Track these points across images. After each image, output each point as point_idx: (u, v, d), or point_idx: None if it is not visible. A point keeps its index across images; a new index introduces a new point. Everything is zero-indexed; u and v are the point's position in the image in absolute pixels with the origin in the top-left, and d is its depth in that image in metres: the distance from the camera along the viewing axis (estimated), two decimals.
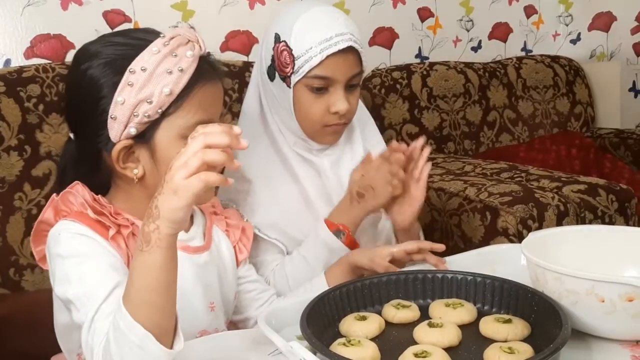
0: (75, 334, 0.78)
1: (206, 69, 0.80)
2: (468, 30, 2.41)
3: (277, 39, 1.03)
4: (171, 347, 0.66)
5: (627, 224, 1.39)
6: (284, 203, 1.09)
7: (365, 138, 1.16)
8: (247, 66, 1.70)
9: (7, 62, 1.59)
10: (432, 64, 2.16)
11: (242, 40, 1.91)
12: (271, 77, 1.06)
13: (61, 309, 0.81)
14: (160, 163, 0.79)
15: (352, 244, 1.06)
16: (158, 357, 0.64)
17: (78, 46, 1.71)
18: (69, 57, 1.64)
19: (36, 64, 1.45)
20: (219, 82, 0.83)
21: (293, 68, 1.01)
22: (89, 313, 0.70)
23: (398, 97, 2.03)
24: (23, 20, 1.60)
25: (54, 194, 0.81)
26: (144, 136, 0.78)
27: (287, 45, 1.01)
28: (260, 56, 1.10)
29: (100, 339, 0.67)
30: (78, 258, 0.75)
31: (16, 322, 1.11)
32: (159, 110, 0.77)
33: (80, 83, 0.79)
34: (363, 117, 1.17)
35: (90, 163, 0.82)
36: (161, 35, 0.78)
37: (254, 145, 1.11)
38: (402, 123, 2.01)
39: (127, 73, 0.76)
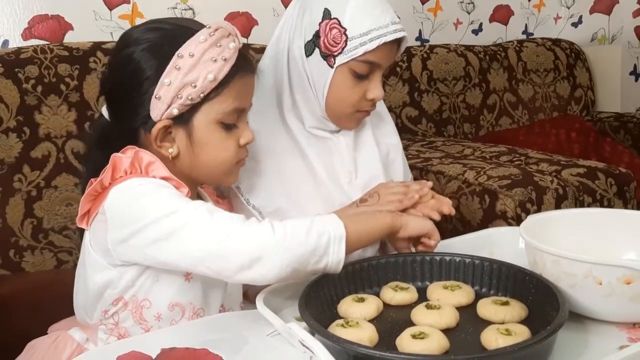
0: (108, 291, 0.82)
1: (243, 61, 0.86)
2: (469, 13, 2.39)
3: (327, 14, 1.00)
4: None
5: (626, 208, 1.39)
6: (289, 181, 1.08)
7: (377, 127, 1.15)
8: (246, 48, 1.69)
9: (5, 43, 1.58)
10: (432, 47, 2.14)
11: (241, 22, 1.89)
12: (308, 53, 1.03)
13: (100, 268, 0.82)
14: (196, 144, 0.85)
15: None
16: (335, 255, 0.76)
17: (76, 27, 1.71)
18: (67, 38, 1.62)
19: (34, 44, 1.44)
20: (253, 75, 0.90)
21: (342, 49, 1.00)
22: (207, 206, 0.77)
23: (398, 80, 2.02)
24: (21, 1, 1.58)
25: (115, 154, 0.83)
26: (183, 118, 0.84)
27: (339, 24, 0.99)
28: (294, 28, 1.06)
29: (255, 222, 0.75)
30: (167, 188, 0.80)
31: (17, 303, 1.12)
32: (201, 95, 0.82)
33: (125, 64, 0.84)
34: (378, 106, 1.16)
35: (126, 141, 0.85)
36: (207, 26, 0.83)
37: (263, 119, 1.10)
38: (402, 106, 2.01)
39: (175, 57, 0.81)
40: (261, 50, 1.69)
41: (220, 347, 0.71)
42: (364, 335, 0.69)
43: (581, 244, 0.81)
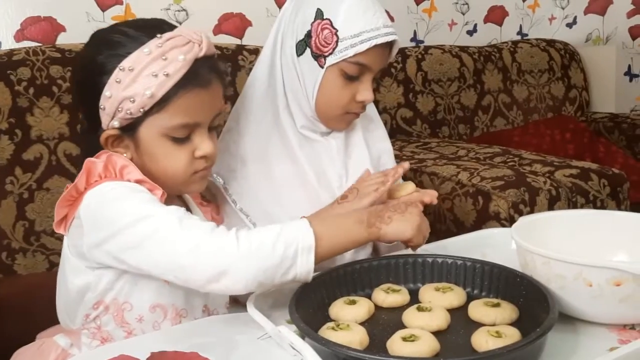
0: (88, 294, 0.81)
1: (200, 72, 0.81)
2: (464, 14, 2.39)
3: (320, 15, 1.00)
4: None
5: (619, 209, 1.39)
6: (277, 185, 1.08)
7: (367, 130, 1.14)
8: (240, 49, 1.69)
9: None
10: (427, 48, 2.14)
11: (235, 23, 1.89)
12: (299, 52, 1.03)
13: (78, 271, 0.81)
14: (144, 155, 0.83)
15: None
16: (304, 266, 0.74)
17: (69, 29, 1.71)
18: (60, 40, 1.62)
19: (26, 46, 1.43)
20: (215, 86, 0.84)
21: (333, 49, 0.99)
22: (178, 213, 0.75)
23: (393, 81, 2.02)
24: (13, 2, 1.58)
25: (88, 159, 0.82)
26: (129, 128, 0.82)
27: (331, 25, 0.99)
28: (287, 28, 1.06)
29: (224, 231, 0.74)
30: (142, 192, 0.79)
31: (10, 306, 1.11)
32: (141, 110, 0.80)
33: (87, 67, 0.83)
34: (368, 109, 1.16)
35: (95, 145, 0.85)
36: (157, 36, 0.80)
37: (256, 120, 1.09)
38: (396, 107, 2.01)
39: (117, 70, 0.79)
40: (255, 51, 1.70)
41: (210, 351, 0.70)
42: (355, 338, 0.69)
43: (572, 245, 0.81)
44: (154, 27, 0.82)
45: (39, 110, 1.37)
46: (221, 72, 0.86)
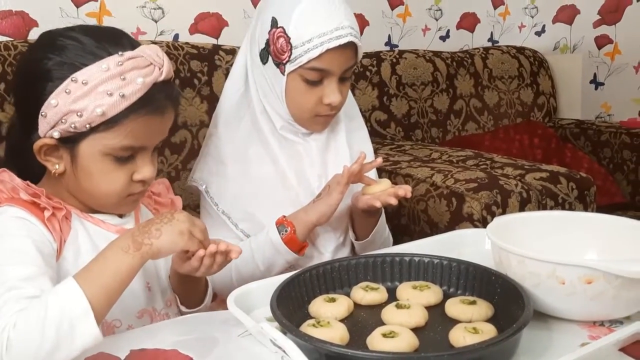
0: None
1: (157, 97, 0.78)
2: (437, 20, 2.43)
3: (274, 23, 1.00)
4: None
5: (586, 211, 1.44)
6: (257, 185, 1.08)
7: (350, 131, 1.15)
8: (217, 49, 1.68)
9: None
10: (401, 52, 2.17)
11: (211, 23, 1.88)
12: (263, 60, 1.04)
13: None
14: (79, 170, 0.79)
15: (292, 244, 1.02)
16: (87, 335, 0.65)
17: (41, 24, 1.68)
18: (32, 35, 1.59)
19: None
20: (168, 113, 0.81)
21: (290, 57, 0.99)
22: (7, 282, 0.67)
23: (368, 84, 2.04)
24: None
25: None
26: (69, 141, 0.78)
27: (284, 33, 0.99)
28: (253, 36, 1.07)
29: (9, 316, 0.64)
30: (13, 237, 0.74)
31: None
32: (87, 126, 0.76)
33: (32, 70, 0.78)
34: (351, 111, 1.17)
35: (23, 149, 0.80)
36: (119, 53, 0.76)
37: (234, 124, 1.10)
38: (371, 110, 2.03)
39: (68, 79, 0.75)
40: (231, 51, 1.69)
41: (191, 348, 0.70)
42: (335, 334, 0.70)
43: (545, 245, 0.83)
44: (115, 42, 0.78)
45: (10, 107, 1.33)
46: (176, 98, 0.83)
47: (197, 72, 1.63)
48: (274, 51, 1.01)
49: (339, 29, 0.99)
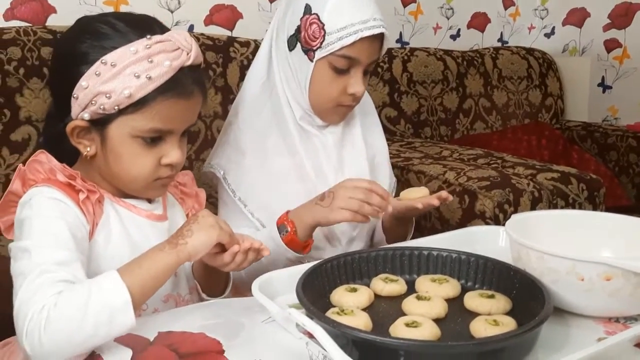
0: None
1: (184, 81, 0.79)
2: (448, 18, 2.44)
3: (308, 10, 1.02)
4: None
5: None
6: (274, 178, 1.09)
7: (366, 126, 1.16)
8: (232, 41, 1.69)
9: None
10: (412, 50, 2.18)
11: (226, 15, 1.89)
12: (291, 47, 1.05)
13: None
14: (108, 153, 0.81)
15: (293, 244, 1.01)
16: (123, 325, 0.68)
17: (60, 10, 1.68)
18: (50, 21, 1.60)
19: (16, 26, 1.41)
20: (195, 98, 0.82)
21: (321, 43, 1.01)
22: (42, 265, 0.69)
23: (379, 80, 2.05)
24: None
25: (20, 164, 0.81)
26: (99, 123, 0.80)
27: (318, 19, 1.01)
28: (280, 23, 1.08)
29: (49, 295, 0.66)
30: (48, 219, 0.75)
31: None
32: (116, 108, 0.78)
33: (67, 53, 0.80)
34: (367, 107, 1.18)
35: (59, 133, 0.82)
36: (147, 37, 0.78)
37: (254, 114, 1.11)
38: (381, 106, 2.04)
39: (98, 62, 0.77)
40: (246, 44, 1.70)
41: (217, 332, 0.72)
42: (359, 322, 0.71)
43: (562, 242, 0.84)
44: (145, 26, 0.80)
45: (28, 91, 1.35)
46: (204, 84, 0.84)
47: (212, 63, 1.63)
48: (305, 37, 1.02)
49: (374, 19, 1.02)
